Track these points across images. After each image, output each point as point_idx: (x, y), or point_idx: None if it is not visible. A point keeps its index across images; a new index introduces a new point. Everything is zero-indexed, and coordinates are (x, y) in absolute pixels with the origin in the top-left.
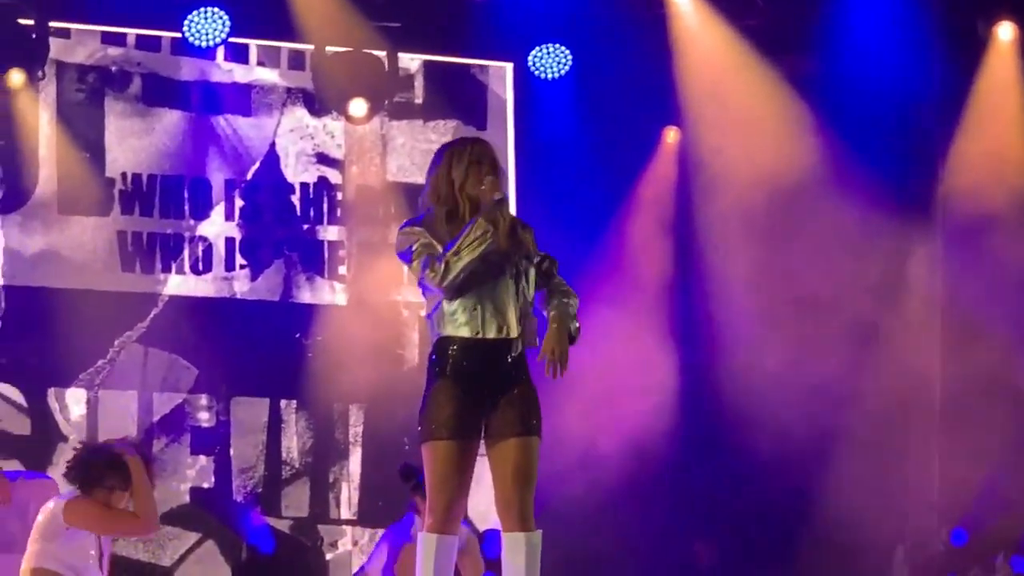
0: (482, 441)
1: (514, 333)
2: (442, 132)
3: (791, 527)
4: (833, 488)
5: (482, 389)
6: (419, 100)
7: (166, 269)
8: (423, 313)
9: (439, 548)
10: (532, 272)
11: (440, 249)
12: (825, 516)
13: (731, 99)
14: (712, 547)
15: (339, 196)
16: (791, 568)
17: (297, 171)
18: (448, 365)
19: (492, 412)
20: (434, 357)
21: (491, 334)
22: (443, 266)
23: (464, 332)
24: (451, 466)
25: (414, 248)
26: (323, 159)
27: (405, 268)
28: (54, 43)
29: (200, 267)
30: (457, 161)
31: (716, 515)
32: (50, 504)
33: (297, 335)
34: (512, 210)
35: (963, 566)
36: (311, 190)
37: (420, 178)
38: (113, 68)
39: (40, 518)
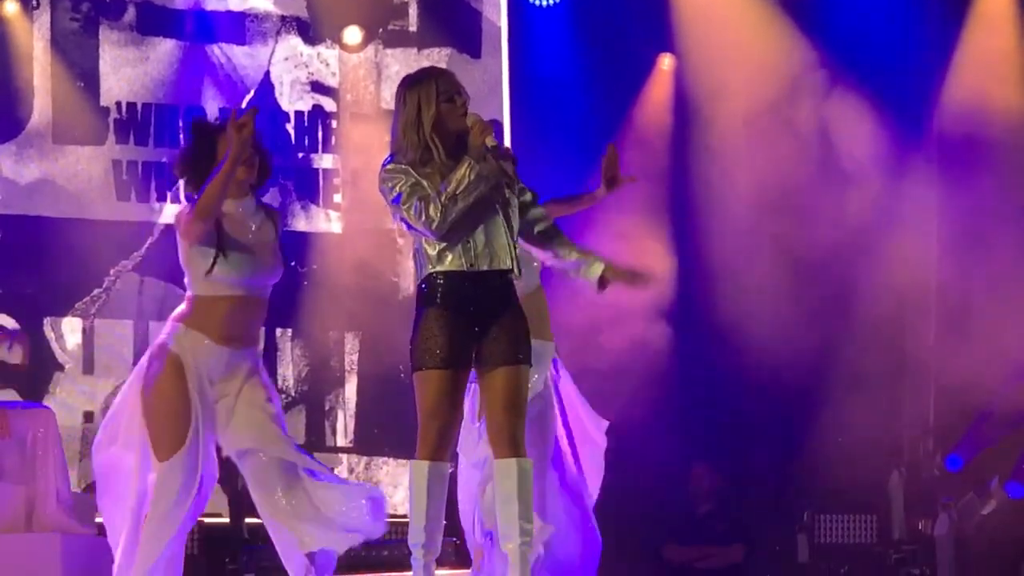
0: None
1: (505, 265)
2: (436, 60)
3: (788, 450)
4: (829, 413)
5: (473, 319)
6: (413, 28)
7: (161, 198)
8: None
9: (431, 475)
10: (515, 201)
11: (429, 191)
12: (822, 441)
13: (726, 24)
14: (712, 470)
15: (334, 124)
16: (788, 491)
17: (292, 99)
18: (438, 295)
19: (483, 341)
20: (424, 288)
21: (483, 266)
22: (439, 214)
23: (454, 266)
24: (442, 395)
25: (402, 190)
26: (317, 87)
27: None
28: None
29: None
30: (425, 102)
31: (713, 438)
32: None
33: (292, 263)
34: (506, 139)
35: (958, 490)
36: (305, 118)
37: None
38: None
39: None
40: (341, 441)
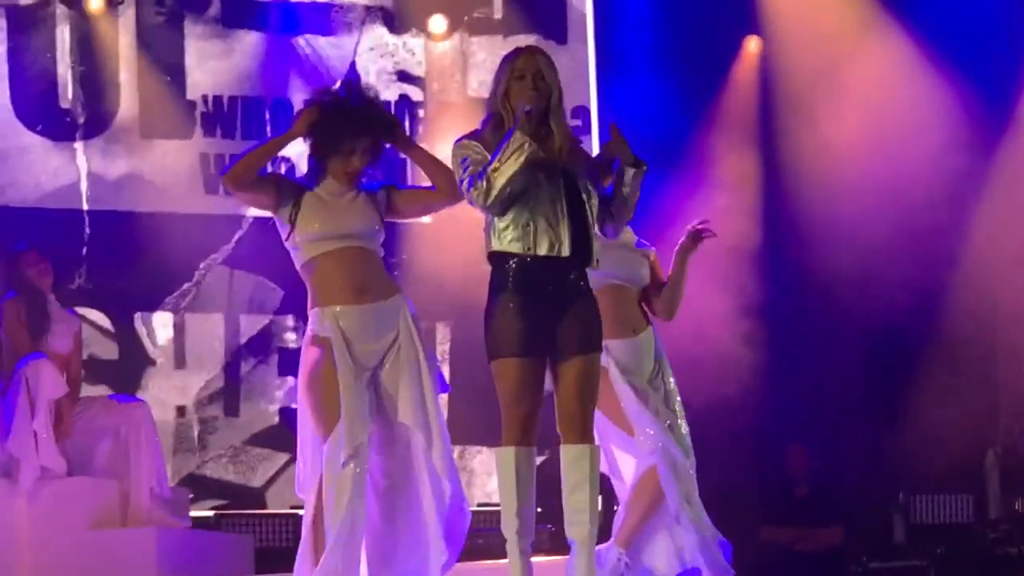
0: None
1: (566, 252)
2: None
3: (880, 430)
4: (924, 392)
5: (545, 304)
6: (498, 15)
7: None
8: None
9: (518, 460)
10: (592, 191)
11: (480, 167)
12: (917, 420)
13: (817, 6)
14: (806, 450)
15: (421, 113)
16: (882, 472)
17: (378, 89)
18: (510, 280)
19: (556, 327)
20: (495, 272)
21: (543, 251)
22: (484, 183)
23: (515, 248)
24: (523, 383)
25: (464, 165)
26: (404, 76)
27: None
28: None
29: None
30: (503, 73)
31: (806, 418)
32: None
33: (382, 253)
34: (594, 124)
35: None
36: (392, 108)
37: None
38: None
39: None
40: None
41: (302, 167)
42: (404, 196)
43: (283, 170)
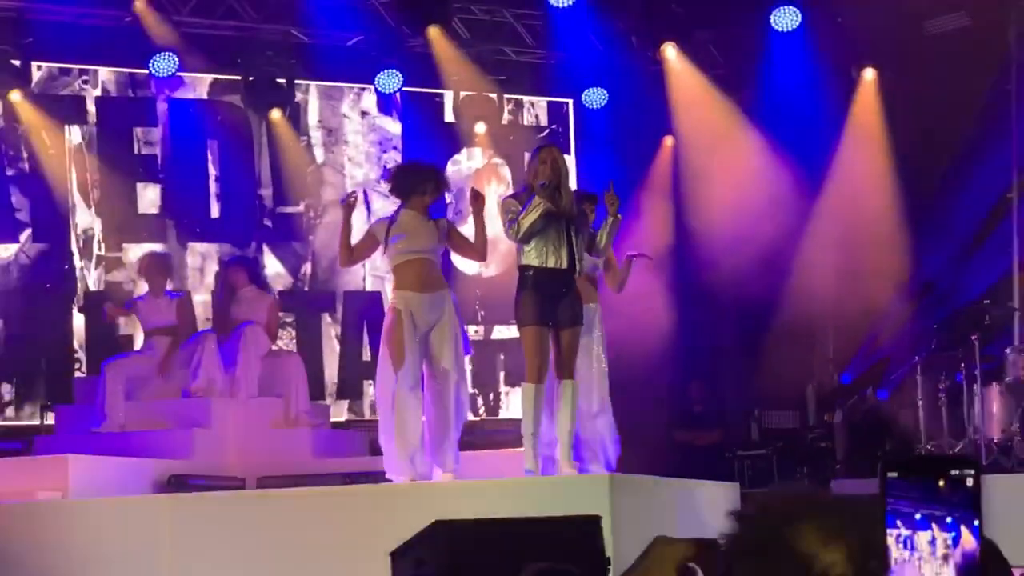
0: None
1: (564, 265)
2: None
3: (745, 372)
4: (771, 350)
5: (550, 296)
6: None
7: None
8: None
9: (537, 392)
10: (579, 233)
11: (515, 216)
12: (766, 366)
13: (707, 117)
14: (702, 384)
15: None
16: (747, 396)
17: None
18: (530, 280)
19: (557, 310)
20: (522, 277)
21: (551, 264)
22: (517, 226)
23: (535, 262)
24: (540, 341)
25: (508, 214)
26: None
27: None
28: None
29: None
30: (534, 159)
31: (703, 363)
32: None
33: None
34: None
35: (848, 396)
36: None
37: None
38: None
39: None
40: None
41: None
42: (455, 239)
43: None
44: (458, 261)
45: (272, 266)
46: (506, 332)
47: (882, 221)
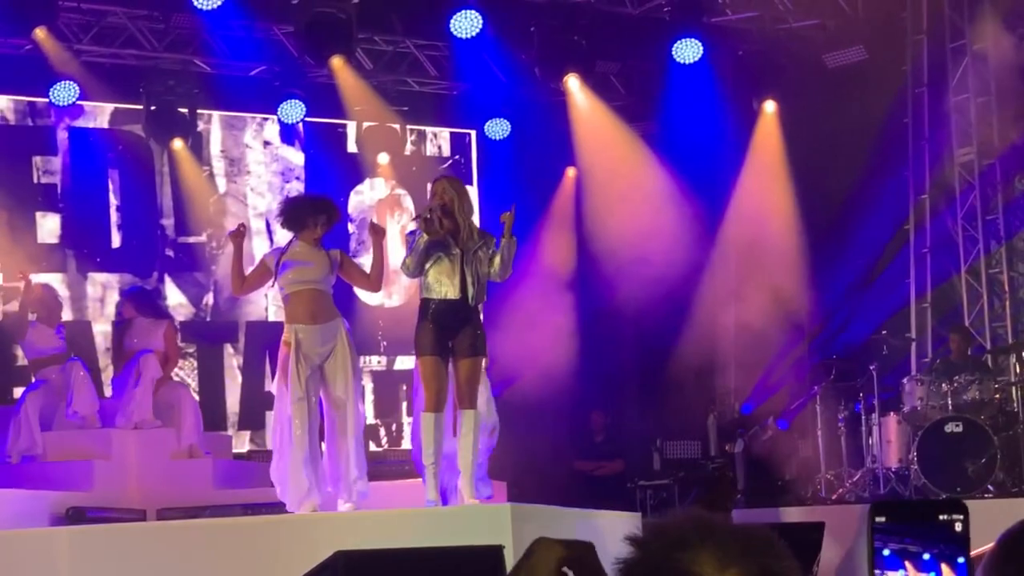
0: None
1: (456, 296)
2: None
3: (647, 402)
4: (672, 381)
5: (447, 326)
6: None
7: None
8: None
9: (436, 420)
10: (480, 256)
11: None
12: (668, 398)
13: (610, 148)
14: (603, 413)
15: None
16: (648, 426)
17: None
18: (429, 311)
19: (454, 340)
20: (422, 308)
21: (448, 296)
22: (405, 266)
23: (433, 294)
24: (436, 370)
25: (406, 249)
26: None
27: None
28: None
29: None
30: (432, 192)
31: (604, 390)
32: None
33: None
34: (477, 219)
35: (748, 426)
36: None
37: None
38: None
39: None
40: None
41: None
42: (348, 269)
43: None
44: (360, 292)
45: (174, 296)
46: (408, 363)
47: (782, 251)
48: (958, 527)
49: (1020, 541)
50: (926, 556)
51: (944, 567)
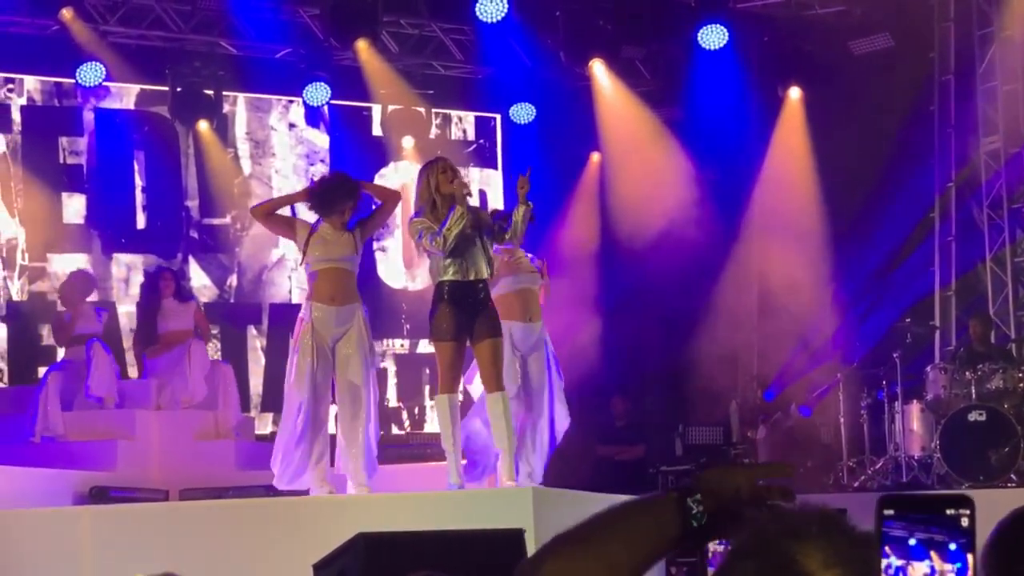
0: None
1: (484, 275)
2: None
3: (670, 388)
4: (695, 367)
5: (467, 310)
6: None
7: None
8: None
9: (452, 402)
10: (488, 236)
11: (436, 228)
12: (691, 383)
13: (634, 134)
14: (624, 399)
15: None
16: (671, 413)
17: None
18: (446, 294)
19: (474, 323)
20: (438, 290)
21: (471, 277)
22: (442, 238)
23: (456, 277)
24: (454, 355)
25: (422, 230)
26: None
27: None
28: None
29: None
30: (431, 174)
31: (623, 377)
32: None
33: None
34: (500, 203)
35: (771, 412)
36: None
37: None
38: None
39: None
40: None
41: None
42: (368, 222)
43: None
44: (385, 275)
45: (198, 277)
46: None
47: (806, 238)
48: (964, 521)
49: (1009, 532)
50: (952, 546)
51: (969, 557)
